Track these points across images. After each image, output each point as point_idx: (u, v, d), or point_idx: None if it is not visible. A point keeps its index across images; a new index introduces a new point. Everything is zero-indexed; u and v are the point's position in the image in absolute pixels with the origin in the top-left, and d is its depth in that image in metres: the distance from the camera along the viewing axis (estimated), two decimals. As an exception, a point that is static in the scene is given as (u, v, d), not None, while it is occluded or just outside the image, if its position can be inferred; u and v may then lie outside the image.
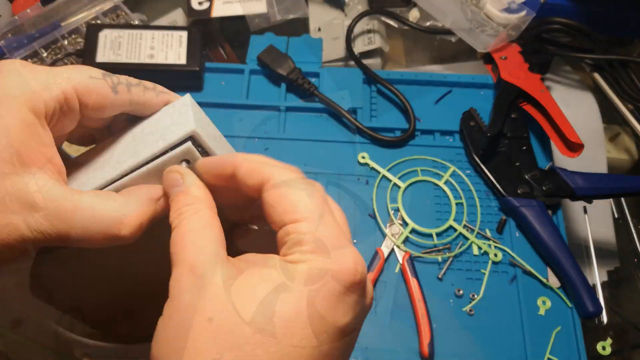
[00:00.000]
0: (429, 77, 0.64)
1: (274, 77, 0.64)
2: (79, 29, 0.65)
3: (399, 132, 0.60)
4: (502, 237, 0.54)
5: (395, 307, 0.50)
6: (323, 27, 0.70)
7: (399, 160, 0.58)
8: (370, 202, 0.56)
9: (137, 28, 0.60)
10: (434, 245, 0.53)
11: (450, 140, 0.60)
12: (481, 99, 0.63)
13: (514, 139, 0.58)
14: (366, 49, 0.68)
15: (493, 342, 0.49)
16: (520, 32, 0.63)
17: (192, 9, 0.70)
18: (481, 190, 0.57)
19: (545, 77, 0.67)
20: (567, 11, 0.67)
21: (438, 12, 0.65)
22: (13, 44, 0.62)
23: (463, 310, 0.50)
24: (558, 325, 0.50)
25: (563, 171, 0.55)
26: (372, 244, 0.53)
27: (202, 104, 0.61)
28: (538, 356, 0.48)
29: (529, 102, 0.60)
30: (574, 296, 0.50)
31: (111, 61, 0.58)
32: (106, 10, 0.66)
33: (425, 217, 0.55)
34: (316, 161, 0.58)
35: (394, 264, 0.52)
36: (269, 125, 0.60)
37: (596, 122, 0.66)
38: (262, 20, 0.69)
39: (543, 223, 0.53)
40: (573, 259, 0.51)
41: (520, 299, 0.51)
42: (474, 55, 0.71)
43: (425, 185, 0.58)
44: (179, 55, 0.60)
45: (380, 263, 0.52)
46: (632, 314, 0.56)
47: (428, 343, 0.48)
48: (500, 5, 0.62)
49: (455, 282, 0.52)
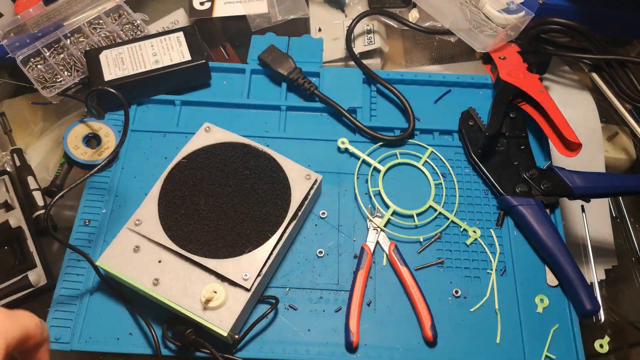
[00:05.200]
0: (428, 77, 0.64)
1: (274, 76, 0.64)
2: (81, 29, 0.66)
3: (398, 132, 0.61)
4: (500, 236, 0.55)
5: (392, 301, 0.51)
6: (323, 28, 0.71)
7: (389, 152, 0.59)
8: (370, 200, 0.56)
9: (132, 42, 0.61)
10: (415, 226, 0.55)
11: (449, 140, 0.61)
12: (480, 99, 0.64)
13: (512, 138, 0.59)
14: (366, 49, 0.68)
15: (491, 340, 0.49)
16: (519, 33, 0.63)
17: (194, 9, 0.70)
18: (473, 183, 0.57)
19: (544, 77, 0.68)
20: (565, 12, 0.67)
21: (437, 13, 0.66)
22: (16, 43, 0.62)
23: (462, 310, 0.51)
24: (556, 323, 0.50)
25: (561, 170, 0.56)
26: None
27: (205, 103, 0.62)
28: (536, 354, 0.49)
29: (528, 102, 0.60)
30: (571, 294, 0.51)
31: (120, 76, 0.58)
32: (108, 10, 0.67)
33: (406, 200, 0.56)
34: (316, 160, 0.58)
35: (380, 259, 0.53)
36: (269, 124, 0.61)
37: (594, 121, 0.66)
38: (263, 20, 0.69)
39: (541, 222, 0.53)
40: (571, 258, 0.51)
41: (518, 297, 0.51)
42: (473, 55, 0.71)
43: (406, 168, 0.59)
44: (182, 54, 0.60)
45: (369, 258, 0.52)
46: (629, 312, 0.56)
47: (430, 326, 0.48)
48: (499, 6, 0.62)
49: (454, 282, 0.52)
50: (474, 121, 0.60)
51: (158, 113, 0.61)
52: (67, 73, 0.62)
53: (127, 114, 0.53)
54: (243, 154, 0.54)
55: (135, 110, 0.61)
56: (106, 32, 0.66)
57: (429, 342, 0.49)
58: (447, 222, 0.55)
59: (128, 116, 0.53)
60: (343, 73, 0.65)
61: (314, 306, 0.50)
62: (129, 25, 0.67)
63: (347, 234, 0.54)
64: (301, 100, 0.63)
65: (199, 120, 0.57)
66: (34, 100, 0.64)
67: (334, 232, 0.54)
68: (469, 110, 0.60)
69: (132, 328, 0.49)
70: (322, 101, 0.61)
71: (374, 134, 0.59)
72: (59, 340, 0.48)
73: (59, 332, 0.48)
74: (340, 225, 0.55)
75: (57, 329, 0.49)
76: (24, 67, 0.62)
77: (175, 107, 0.61)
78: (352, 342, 0.48)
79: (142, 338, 0.48)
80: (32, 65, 0.63)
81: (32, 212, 0.56)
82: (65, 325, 0.49)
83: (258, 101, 0.62)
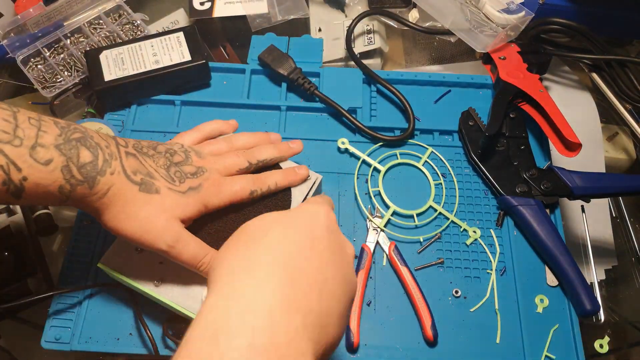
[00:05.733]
0: (428, 77, 0.64)
1: (274, 76, 0.64)
2: (81, 29, 0.66)
3: (398, 132, 0.61)
4: (500, 236, 0.55)
5: (392, 301, 0.51)
6: (323, 28, 0.71)
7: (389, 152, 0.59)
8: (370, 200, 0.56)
9: (132, 42, 0.61)
10: (415, 226, 0.55)
11: (449, 140, 0.61)
12: (480, 99, 0.64)
13: (512, 138, 0.59)
14: (366, 49, 0.68)
15: (491, 340, 0.49)
16: (519, 33, 0.63)
17: (194, 9, 0.70)
18: (473, 183, 0.57)
19: (544, 77, 0.68)
20: (565, 12, 0.67)
21: (437, 13, 0.66)
22: (16, 43, 0.62)
23: (462, 310, 0.51)
24: (556, 323, 0.50)
25: (561, 170, 0.56)
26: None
27: (205, 103, 0.62)
28: (536, 354, 0.49)
29: (528, 102, 0.60)
30: (571, 294, 0.51)
31: (120, 77, 0.58)
32: (108, 10, 0.67)
33: (406, 200, 0.56)
34: (316, 161, 0.58)
35: (380, 259, 0.53)
36: (269, 124, 0.61)
37: (594, 121, 0.66)
38: (263, 21, 0.69)
39: (541, 222, 0.53)
40: (571, 258, 0.51)
41: (518, 297, 0.51)
42: (473, 55, 0.71)
43: (406, 168, 0.59)
44: (183, 54, 0.60)
45: (369, 259, 0.52)
46: (629, 312, 0.56)
47: (430, 326, 0.49)
48: (499, 6, 0.62)
49: (454, 282, 0.52)
50: (474, 121, 0.60)
51: (158, 113, 0.61)
52: (67, 73, 0.62)
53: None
54: None
55: (135, 110, 0.61)
56: (106, 32, 0.66)
57: (429, 342, 0.49)
58: (447, 222, 0.55)
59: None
60: (343, 73, 0.65)
61: (314, 306, 0.50)
62: (129, 25, 0.67)
63: (347, 234, 0.54)
64: (301, 101, 0.63)
65: (199, 121, 0.57)
66: (34, 100, 0.64)
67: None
68: (469, 110, 0.60)
69: (132, 328, 0.49)
70: (322, 101, 0.61)
71: (374, 134, 0.59)
72: (59, 340, 0.48)
73: (59, 332, 0.48)
74: (340, 225, 0.55)
75: (57, 329, 0.49)
76: (24, 67, 0.62)
77: (175, 107, 0.61)
78: (352, 342, 0.48)
79: (142, 338, 0.48)
80: (32, 65, 0.63)
81: (33, 212, 0.56)
82: (65, 326, 0.49)
83: (258, 101, 0.62)
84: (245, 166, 0.48)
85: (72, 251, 0.52)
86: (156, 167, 0.44)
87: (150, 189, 0.42)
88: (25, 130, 0.38)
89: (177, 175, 0.44)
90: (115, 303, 0.50)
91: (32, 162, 0.38)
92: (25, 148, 0.37)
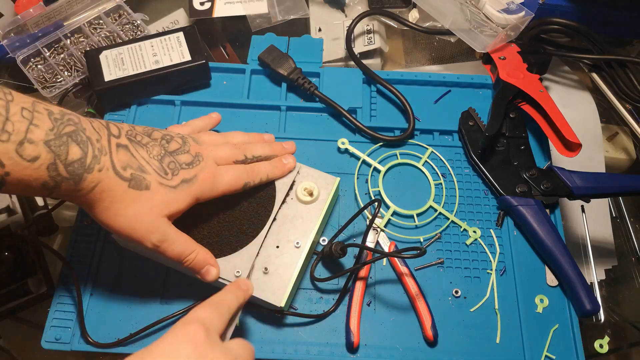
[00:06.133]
0: (428, 77, 0.64)
1: (274, 76, 0.64)
2: (81, 29, 0.66)
3: (398, 132, 0.61)
4: (500, 236, 0.55)
5: (392, 301, 0.51)
6: (323, 28, 0.71)
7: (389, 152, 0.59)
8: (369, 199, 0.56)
9: (132, 42, 0.61)
10: (415, 227, 0.55)
11: (449, 140, 0.61)
12: (480, 99, 0.64)
13: (512, 138, 0.59)
14: (366, 49, 0.68)
15: (491, 340, 0.49)
16: (519, 33, 0.63)
17: (194, 9, 0.70)
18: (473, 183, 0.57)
19: (544, 77, 0.68)
20: (565, 12, 0.67)
21: (437, 13, 0.66)
22: (16, 43, 0.62)
23: (462, 310, 0.51)
24: (556, 323, 0.50)
25: (561, 170, 0.56)
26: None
27: (205, 104, 0.62)
28: (536, 354, 0.49)
29: (528, 102, 0.60)
30: (571, 294, 0.51)
31: (120, 77, 0.58)
32: (108, 10, 0.67)
33: (406, 200, 0.56)
34: (316, 161, 0.58)
35: (380, 260, 0.53)
36: (269, 124, 0.61)
37: (594, 121, 0.66)
38: (263, 21, 0.69)
39: (541, 222, 0.53)
40: (571, 258, 0.51)
41: (518, 297, 0.51)
42: (472, 55, 0.71)
43: (405, 168, 0.59)
44: (183, 54, 0.60)
45: (369, 259, 0.52)
46: (629, 312, 0.56)
47: (430, 326, 0.49)
48: (499, 6, 0.62)
49: (454, 282, 0.52)
50: (474, 121, 0.60)
51: (158, 113, 0.61)
52: (67, 73, 0.62)
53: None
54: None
55: (135, 110, 0.61)
56: (106, 32, 0.66)
57: (429, 342, 0.49)
58: (447, 222, 0.55)
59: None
60: (343, 73, 0.65)
61: (314, 306, 0.51)
62: (129, 25, 0.67)
63: (348, 234, 0.54)
64: (301, 101, 0.63)
65: (199, 121, 0.57)
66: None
67: (334, 232, 0.54)
68: (469, 110, 0.60)
69: (132, 328, 0.49)
70: (322, 101, 0.61)
71: (374, 134, 0.59)
72: (59, 341, 0.48)
73: (59, 332, 0.48)
74: (340, 225, 0.55)
75: (57, 329, 0.49)
76: (24, 67, 0.62)
77: (175, 107, 0.61)
78: (352, 342, 0.48)
79: (142, 338, 0.48)
80: (32, 65, 0.63)
81: (33, 212, 0.56)
82: (65, 326, 0.49)
83: (258, 101, 0.62)
84: (242, 159, 0.49)
85: (72, 251, 0.52)
86: (148, 159, 0.43)
87: (140, 185, 0.42)
88: (15, 124, 0.36)
89: (170, 166, 0.44)
90: (115, 303, 0.50)
91: (17, 159, 0.36)
92: (12, 144, 0.36)
